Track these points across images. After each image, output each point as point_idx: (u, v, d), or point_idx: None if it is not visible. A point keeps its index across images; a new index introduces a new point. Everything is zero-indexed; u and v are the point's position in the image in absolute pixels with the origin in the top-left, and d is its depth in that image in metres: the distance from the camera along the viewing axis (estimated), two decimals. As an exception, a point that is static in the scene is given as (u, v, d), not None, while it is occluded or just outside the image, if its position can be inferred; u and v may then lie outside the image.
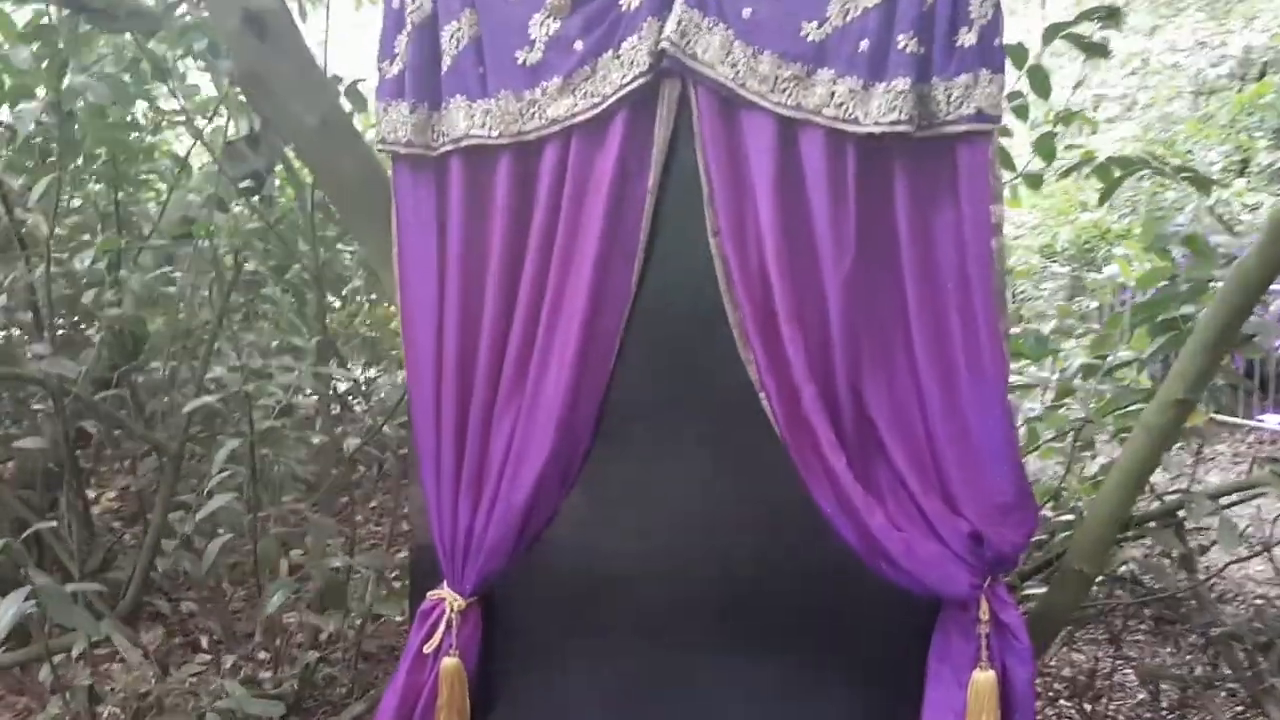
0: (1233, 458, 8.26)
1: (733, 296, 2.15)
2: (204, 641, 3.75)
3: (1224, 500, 2.32)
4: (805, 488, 2.15)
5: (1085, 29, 2.88)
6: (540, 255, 2.20)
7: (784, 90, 2.04)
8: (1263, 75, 12.52)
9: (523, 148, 2.18)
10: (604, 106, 2.10)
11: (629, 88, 2.08)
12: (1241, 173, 11.28)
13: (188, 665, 3.52)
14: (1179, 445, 2.46)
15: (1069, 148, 3.17)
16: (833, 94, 2.02)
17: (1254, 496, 2.66)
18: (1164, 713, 2.84)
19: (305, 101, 2.38)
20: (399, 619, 3.11)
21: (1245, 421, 8.93)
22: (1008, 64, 2.86)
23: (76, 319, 2.94)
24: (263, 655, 2.80)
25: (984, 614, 2.08)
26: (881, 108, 1.99)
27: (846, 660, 2.24)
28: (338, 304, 3.96)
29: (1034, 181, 3.17)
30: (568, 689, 2.37)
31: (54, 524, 2.51)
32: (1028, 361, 2.81)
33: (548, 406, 2.21)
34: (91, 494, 4.17)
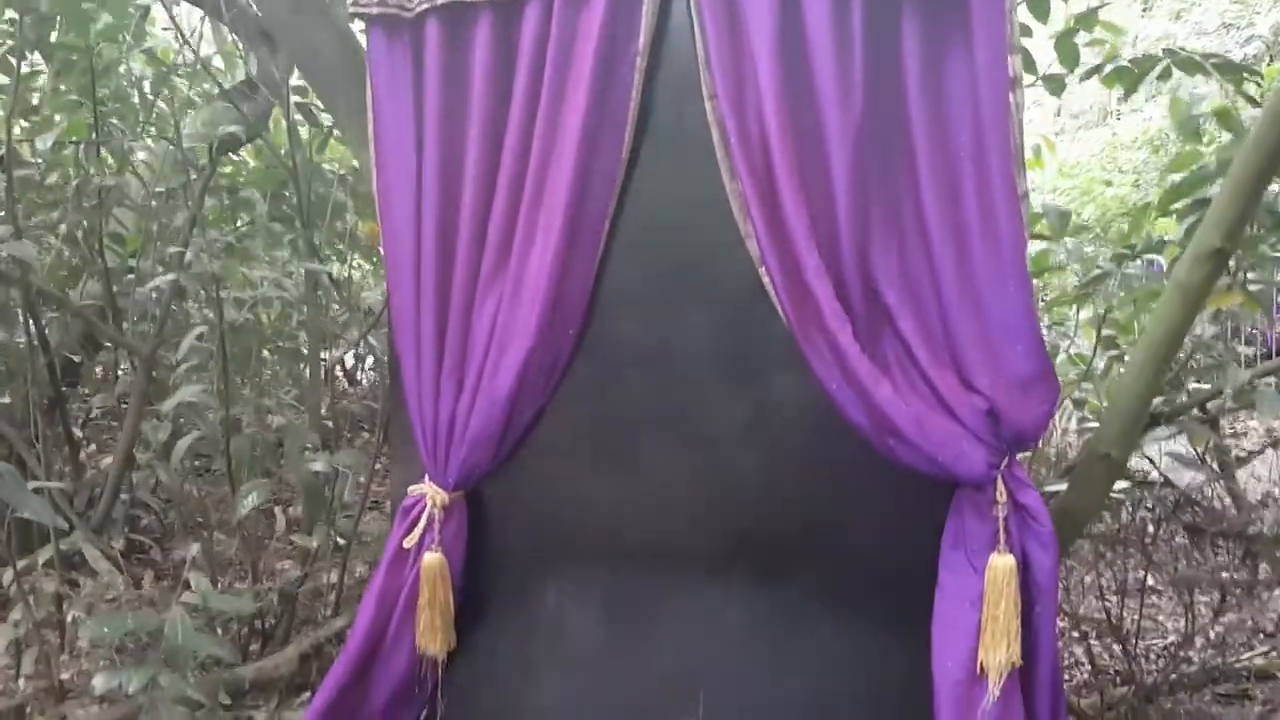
0: (1266, 432, 8.11)
1: (731, 165, 2.01)
2: (193, 583, 3.65)
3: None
4: (809, 373, 2.02)
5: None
6: (523, 124, 2.07)
7: (784, -70, 1.89)
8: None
9: (503, 6, 2.05)
10: (590, -44, 1.97)
11: (616, -67, 1.94)
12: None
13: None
14: (1214, 333, 2.28)
15: (1091, 44, 3.00)
16: (836, -67, 1.87)
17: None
18: (1195, 626, 2.65)
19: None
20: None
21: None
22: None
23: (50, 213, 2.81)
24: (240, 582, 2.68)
25: (1000, 495, 1.93)
26: (889, -55, 1.84)
27: (854, 557, 2.09)
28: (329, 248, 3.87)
29: (1055, 84, 3.01)
30: (559, 595, 2.23)
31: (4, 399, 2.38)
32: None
33: (532, 288, 2.08)
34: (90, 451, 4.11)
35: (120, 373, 3.22)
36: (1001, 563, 1.92)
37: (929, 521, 2.02)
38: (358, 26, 2.23)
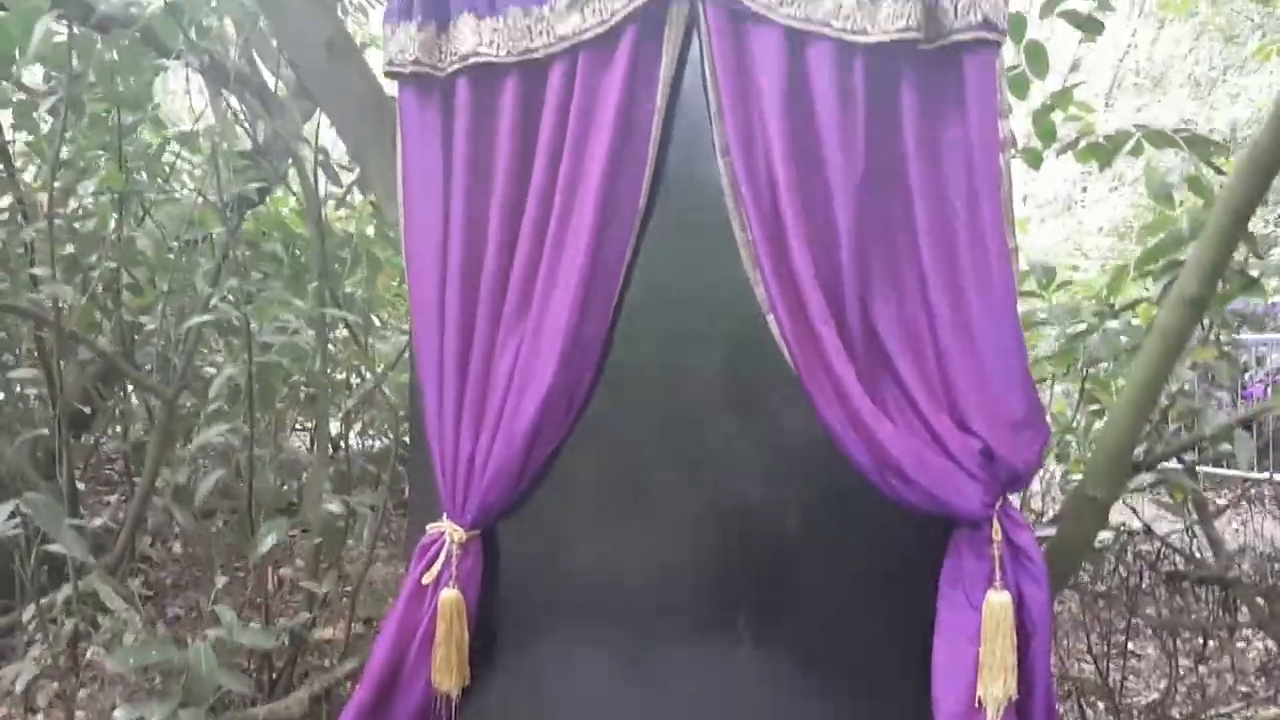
0: (1235, 511, 8.21)
1: (741, 217, 2.14)
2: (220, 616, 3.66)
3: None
4: (814, 413, 2.13)
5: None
6: (546, 176, 2.19)
7: (792, 2, 2.05)
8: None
9: (530, 66, 2.19)
10: (612, 23, 2.12)
11: (637, 2, 2.09)
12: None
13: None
14: (1189, 376, 2.40)
15: (1070, 119, 3.19)
16: (840, 5, 2.03)
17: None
18: (1181, 674, 2.74)
19: (311, 23, 2.40)
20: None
21: (1250, 474, 8.83)
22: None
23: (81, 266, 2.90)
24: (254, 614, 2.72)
25: (996, 534, 2.03)
26: (889, 16, 2.00)
27: (857, 593, 2.18)
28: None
29: (1033, 158, 3.19)
30: (572, 631, 2.30)
31: (43, 431, 2.43)
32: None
33: (552, 329, 2.18)
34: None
35: (138, 415, 3.27)
36: (998, 600, 2.01)
37: (929, 557, 2.11)
38: (389, 82, 2.35)
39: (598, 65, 2.16)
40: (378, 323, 3.95)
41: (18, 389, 3.28)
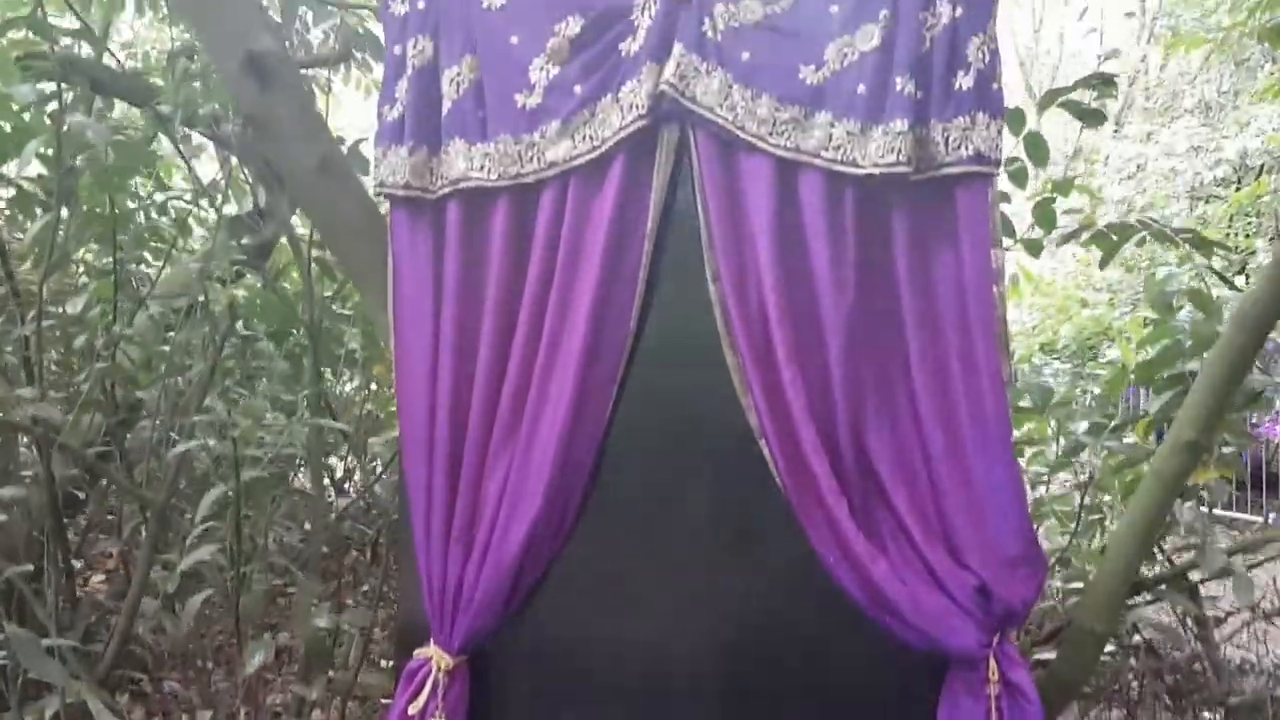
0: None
1: (732, 342, 2.12)
2: (184, 720, 3.64)
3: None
4: (807, 540, 2.10)
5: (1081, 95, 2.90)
6: (537, 299, 2.18)
7: (782, 133, 2.04)
8: (1260, 176, 12.68)
9: (521, 191, 2.17)
10: (603, 150, 2.10)
11: (628, 130, 2.08)
12: (1241, 271, 11.33)
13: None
14: (1189, 505, 2.40)
15: (1067, 212, 3.16)
16: (831, 136, 2.02)
17: (1266, 560, 2.59)
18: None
19: (304, 144, 2.39)
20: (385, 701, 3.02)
21: (1253, 518, 8.80)
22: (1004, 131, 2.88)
23: (73, 367, 2.90)
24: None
25: (993, 674, 2.00)
26: (880, 149, 1.98)
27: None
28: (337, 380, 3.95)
29: (1034, 247, 3.17)
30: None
31: (29, 567, 2.42)
32: (1032, 423, 2.76)
33: (542, 454, 2.16)
34: (78, 567, 4.10)
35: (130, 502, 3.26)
36: (995, 742, 1.98)
37: (926, 689, 2.08)
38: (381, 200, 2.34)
39: (588, 190, 2.14)
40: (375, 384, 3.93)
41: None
